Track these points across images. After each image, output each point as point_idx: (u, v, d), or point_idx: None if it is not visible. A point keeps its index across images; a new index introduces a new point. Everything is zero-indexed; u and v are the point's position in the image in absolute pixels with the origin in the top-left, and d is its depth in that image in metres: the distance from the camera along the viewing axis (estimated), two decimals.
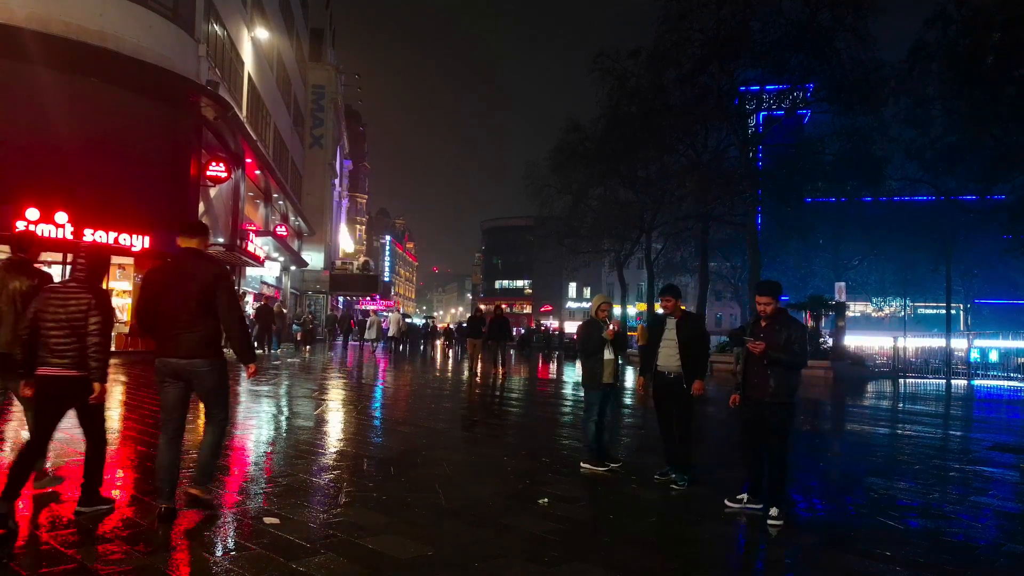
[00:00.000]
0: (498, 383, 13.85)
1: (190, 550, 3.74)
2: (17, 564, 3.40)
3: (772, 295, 4.99)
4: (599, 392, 6.12)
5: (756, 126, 28.58)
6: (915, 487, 6.22)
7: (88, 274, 4.19)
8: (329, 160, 43.28)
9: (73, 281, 4.16)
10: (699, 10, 26.14)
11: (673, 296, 5.89)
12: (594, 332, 6.20)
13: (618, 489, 5.55)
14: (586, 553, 4.01)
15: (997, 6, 22.12)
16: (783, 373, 4.80)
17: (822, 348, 22.20)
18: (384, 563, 3.67)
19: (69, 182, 15.13)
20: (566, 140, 33.36)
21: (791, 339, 4.80)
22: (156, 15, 16.35)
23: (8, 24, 13.84)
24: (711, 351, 8.88)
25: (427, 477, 5.66)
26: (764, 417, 4.83)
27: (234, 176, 20.80)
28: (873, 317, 47.21)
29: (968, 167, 25.67)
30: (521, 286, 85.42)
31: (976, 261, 37.64)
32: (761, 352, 4.78)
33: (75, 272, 4.21)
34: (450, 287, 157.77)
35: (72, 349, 4.02)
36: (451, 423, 9.01)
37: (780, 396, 4.80)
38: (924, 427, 11.10)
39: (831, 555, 4.16)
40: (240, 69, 23.35)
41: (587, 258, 41.13)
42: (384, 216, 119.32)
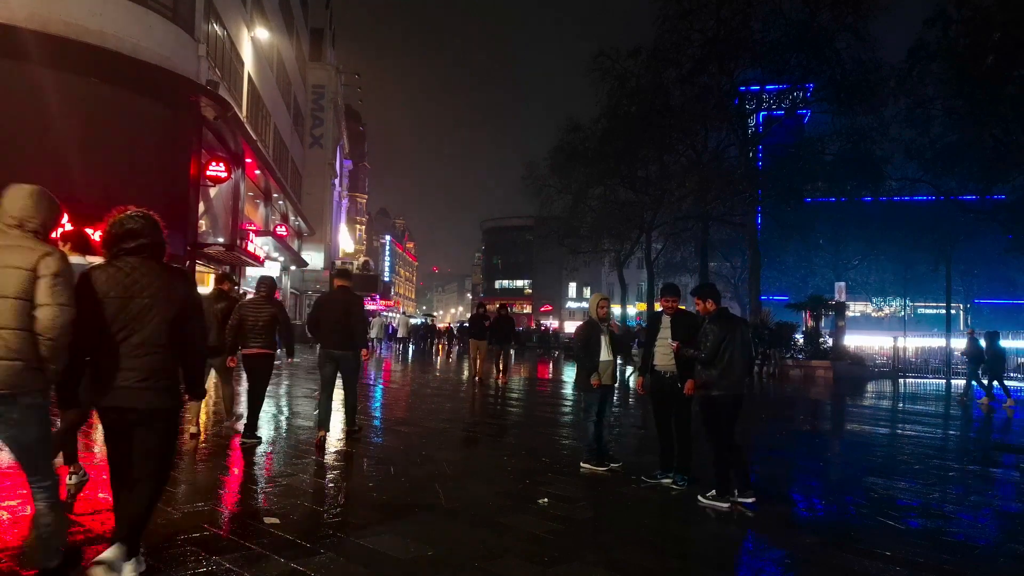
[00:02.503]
0: (499, 385, 13.67)
1: (190, 550, 3.73)
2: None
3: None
4: (597, 393, 6.10)
5: (756, 126, 28.59)
6: (915, 487, 6.22)
7: (268, 293, 7.03)
8: (329, 160, 43.26)
9: (262, 298, 6.98)
10: (699, 10, 26.17)
11: (675, 296, 5.86)
12: (593, 333, 6.16)
13: (618, 489, 5.55)
14: (586, 553, 4.01)
15: (997, 6, 22.12)
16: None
17: (822, 348, 22.21)
18: (384, 563, 3.67)
19: (69, 182, 15.10)
20: (566, 140, 33.35)
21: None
22: (156, 15, 16.34)
23: (8, 24, 13.83)
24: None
25: (427, 477, 5.66)
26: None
27: (234, 176, 20.78)
28: (873, 317, 47.20)
29: (968, 167, 25.64)
30: (521, 286, 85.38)
31: (976, 261, 37.62)
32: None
33: (259, 292, 7.08)
34: (450, 287, 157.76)
35: (264, 337, 6.79)
36: (451, 423, 9.01)
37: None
38: (924, 427, 11.10)
39: (831, 555, 4.16)
40: (240, 69, 23.35)
41: (587, 258, 41.10)
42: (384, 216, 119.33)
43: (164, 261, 3.27)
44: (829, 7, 24.37)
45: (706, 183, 26.35)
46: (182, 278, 3.31)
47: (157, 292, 3.09)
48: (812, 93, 26.76)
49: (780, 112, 28.14)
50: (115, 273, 3.06)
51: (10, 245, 2.86)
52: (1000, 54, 22.14)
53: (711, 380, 5.19)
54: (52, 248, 2.96)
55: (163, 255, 3.28)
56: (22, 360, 2.80)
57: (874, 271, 40.78)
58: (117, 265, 3.08)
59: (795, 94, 26.86)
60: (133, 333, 3.04)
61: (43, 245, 2.94)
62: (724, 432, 5.21)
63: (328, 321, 6.92)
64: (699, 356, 5.20)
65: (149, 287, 3.08)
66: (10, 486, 4.80)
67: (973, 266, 38.90)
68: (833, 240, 36.89)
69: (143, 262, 3.12)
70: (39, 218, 2.98)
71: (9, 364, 2.77)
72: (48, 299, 2.82)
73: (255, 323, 6.79)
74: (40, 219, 2.99)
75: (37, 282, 2.82)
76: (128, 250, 3.11)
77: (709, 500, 5.09)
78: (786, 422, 10.98)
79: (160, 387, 3.08)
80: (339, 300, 7.02)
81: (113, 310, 3.01)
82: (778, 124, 28.49)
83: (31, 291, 2.81)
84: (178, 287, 3.19)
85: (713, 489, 5.14)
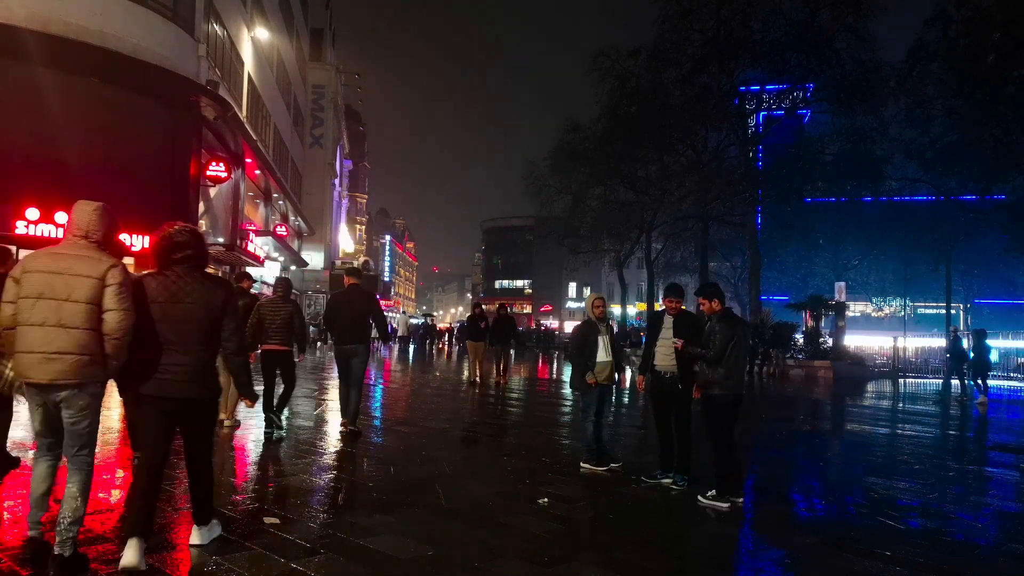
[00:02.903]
0: (500, 387, 13.46)
1: (190, 550, 3.73)
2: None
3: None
4: (595, 393, 6.10)
5: (756, 126, 28.60)
6: (915, 487, 6.22)
7: (285, 293, 7.58)
8: (329, 160, 43.27)
9: (279, 298, 7.52)
10: (699, 10, 26.19)
11: (678, 297, 5.83)
12: (591, 334, 6.13)
13: (618, 489, 5.55)
14: (586, 553, 4.01)
15: (997, 6, 22.12)
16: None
17: (822, 348, 22.21)
18: (384, 563, 3.67)
19: (69, 182, 15.10)
20: (566, 140, 33.37)
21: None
22: (156, 15, 16.33)
23: (8, 24, 13.82)
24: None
25: (427, 477, 5.66)
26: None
27: (234, 176, 20.78)
28: (873, 317, 47.20)
29: (968, 167, 25.66)
30: (521, 286, 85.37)
31: (976, 261, 37.63)
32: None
33: (276, 292, 7.66)
34: (450, 287, 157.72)
35: (282, 334, 7.30)
36: (451, 423, 9.01)
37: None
38: (924, 427, 11.10)
39: (831, 555, 4.16)
40: (240, 69, 23.34)
41: (587, 258, 41.12)
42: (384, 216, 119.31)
43: (206, 270, 3.67)
44: (829, 7, 24.38)
45: (706, 183, 26.36)
46: (222, 285, 3.73)
47: (199, 297, 3.50)
48: (812, 93, 26.77)
49: (780, 112, 28.15)
50: (164, 280, 3.49)
51: (79, 255, 3.30)
52: (1000, 54, 22.15)
53: (715, 379, 5.19)
54: (116, 260, 3.39)
55: (205, 265, 3.68)
56: (89, 355, 3.24)
57: (874, 271, 40.78)
58: (166, 273, 3.51)
59: (795, 94, 26.87)
60: (178, 332, 3.45)
61: (108, 257, 3.41)
62: (725, 432, 5.22)
63: (342, 318, 7.38)
64: (707, 355, 5.19)
65: (193, 293, 3.49)
66: (10, 486, 4.80)
67: (973, 266, 38.91)
68: (833, 240, 36.90)
69: (188, 271, 3.54)
70: (101, 230, 3.45)
71: (80, 359, 3.22)
72: (115, 305, 3.28)
73: (273, 321, 7.27)
74: (102, 231, 3.45)
75: (104, 290, 3.26)
76: (175, 260, 3.52)
77: (709, 500, 5.09)
78: (786, 422, 10.98)
79: (199, 380, 3.50)
80: (352, 298, 7.44)
81: (161, 313, 3.43)
82: (778, 124, 28.50)
83: (99, 297, 3.26)
84: (218, 293, 3.59)
85: (713, 489, 5.14)
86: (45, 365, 3.18)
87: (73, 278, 3.24)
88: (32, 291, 3.22)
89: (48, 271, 3.24)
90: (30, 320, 3.20)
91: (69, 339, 3.20)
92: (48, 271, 3.24)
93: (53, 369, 3.18)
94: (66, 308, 3.21)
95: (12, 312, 3.25)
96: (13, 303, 3.25)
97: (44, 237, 14.50)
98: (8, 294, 3.28)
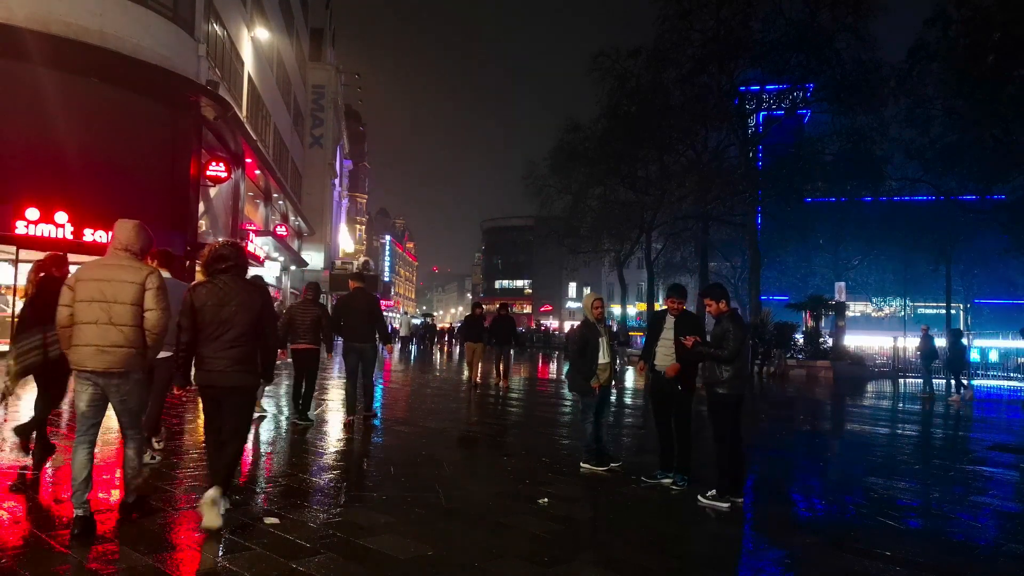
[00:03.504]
0: (500, 389, 13.02)
1: (190, 550, 3.73)
2: None
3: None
4: (595, 395, 6.08)
5: (756, 126, 28.59)
6: (915, 487, 6.22)
7: (315, 296, 8.21)
8: (329, 160, 43.26)
9: (309, 301, 8.16)
10: (699, 10, 26.18)
11: (682, 297, 5.81)
12: (591, 336, 6.07)
13: (618, 489, 5.55)
14: (586, 553, 4.01)
15: (997, 6, 22.11)
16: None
17: (822, 348, 22.21)
18: (384, 563, 3.67)
19: (69, 182, 15.11)
20: (566, 140, 33.36)
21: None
22: (156, 15, 16.33)
23: (8, 24, 13.82)
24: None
25: (427, 477, 5.66)
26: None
27: (234, 176, 20.79)
28: (873, 317, 47.21)
29: (968, 167, 25.64)
30: (521, 286, 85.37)
31: (976, 261, 37.63)
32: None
33: (306, 296, 8.23)
34: (450, 287, 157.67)
35: (311, 334, 7.94)
36: (451, 423, 9.01)
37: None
38: (924, 427, 11.10)
39: (831, 555, 4.16)
40: (240, 69, 23.34)
41: (587, 258, 41.10)
42: (384, 216, 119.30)
43: (246, 277, 4.33)
44: (829, 7, 24.37)
45: (706, 183, 26.35)
46: (259, 291, 4.34)
47: (241, 301, 4.12)
48: (812, 93, 26.76)
49: (780, 112, 28.14)
50: (211, 287, 4.12)
51: (122, 265, 3.97)
52: (1000, 54, 22.13)
53: (722, 379, 5.17)
54: (153, 268, 4.13)
55: (245, 273, 4.34)
56: (134, 348, 3.91)
57: (874, 271, 40.77)
58: (213, 281, 4.15)
59: (795, 94, 26.85)
60: (224, 331, 4.07)
61: (145, 265, 4.09)
62: (730, 431, 5.20)
63: (352, 318, 8.05)
64: (719, 354, 5.16)
65: (235, 297, 4.12)
66: (10, 486, 4.80)
67: (973, 266, 38.91)
68: (833, 240, 36.89)
69: (232, 279, 4.18)
70: (139, 244, 4.10)
71: (128, 351, 3.89)
72: (154, 305, 3.94)
73: (303, 322, 7.93)
74: (139, 245, 4.10)
75: (145, 293, 3.92)
76: (220, 270, 4.17)
77: (709, 500, 5.09)
78: (786, 422, 10.98)
79: (243, 370, 4.13)
80: (360, 300, 8.11)
81: (209, 315, 4.06)
82: (778, 124, 28.49)
83: (140, 299, 3.91)
84: (256, 297, 4.22)
85: (713, 489, 5.13)
86: (99, 356, 3.83)
87: (119, 284, 3.89)
88: (86, 295, 3.85)
89: (98, 279, 3.89)
90: (85, 319, 3.84)
91: (118, 335, 3.86)
92: (98, 279, 3.89)
93: (106, 360, 3.83)
94: (115, 309, 3.86)
95: (69, 314, 3.87)
96: (70, 306, 3.88)
97: (44, 237, 14.50)
98: (64, 299, 3.89)
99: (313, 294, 8.24)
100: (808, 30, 24.68)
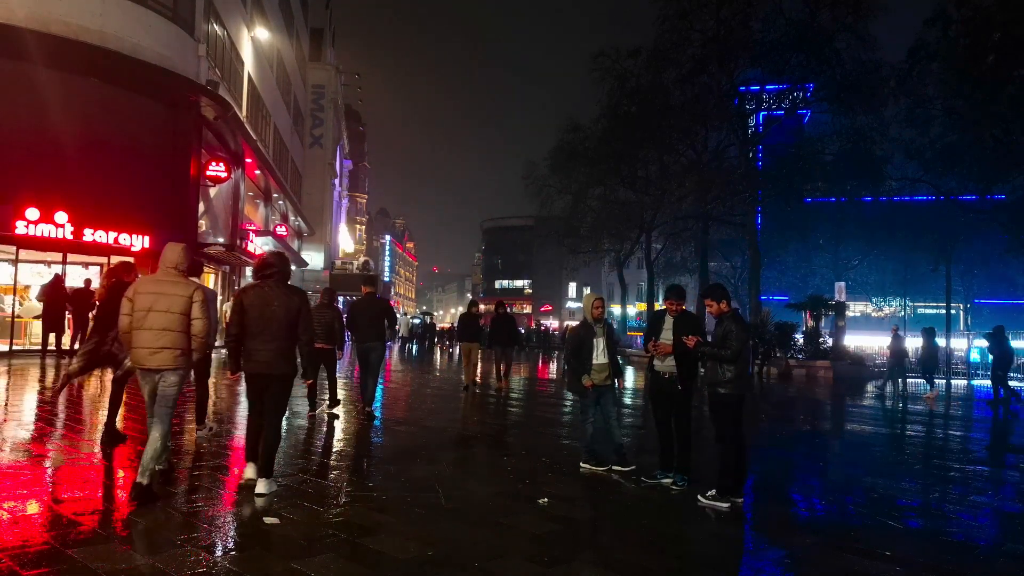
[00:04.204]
0: (500, 392, 12.45)
1: (190, 550, 3.73)
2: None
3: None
4: (592, 396, 6.06)
5: (756, 126, 28.59)
6: (915, 487, 6.23)
7: (330, 300, 8.96)
8: (329, 160, 43.25)
9: (324, 304, 8.79)
10: (699, 10, 26.18)
11: (680, 298, 5.79)
12: (586, 337, 6.06)
13: (618, 489, 5.55)
14: (586, 553, 4.01)
15: (997, 6, 22.10)
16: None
17: (822, 348, 22.20)
18: (384, 563, 3.67)
19: (69, 182, 15.11)
20: (566, 140, 33.38)
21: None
22: (156, 15, 16.33)
23: (8, 24, 13.82)
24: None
25: (427, 477, 5.66)
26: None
27: (234, 176, 20.78)
28: (873, 317, 47.19)
29: (968, 167, 25.63)
30: (521, 286, 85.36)
31: (976, 261, 37.61)
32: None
33: (322, 299, 8.95)
34: (450, 287, 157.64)
35: (326, 335, 8.47)
36: (451, 423, 9.01)
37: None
38: (924, 427, 11.10)
39: (831, 555, 4.16)
40: (240, 69, 23.34)
41: (587, 258, 41.12)
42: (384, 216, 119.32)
43: (287, 283, 5.09)
44: (829, 7, 24.36)
45: (706, 183, 26.36)
46: (298, 294, 5.08)
47: (283, 303, 4.89)
48: (812, 93, 26.76)
49: (780, 112, 28.13)
50: (258, 291, 4.94)
51: (173, 281, 4.78)
52: (1000, 54, 22.12)
53: (725, 379, 5.16)
54: (198, 284, 5.08)
55: (287, 279, 5.12)
56: (180, 350, 4.71)
57: (874, 271, 40.77)
58: (259, 286, 4.97)
59: (795, 94, 26.84)
60: (267, 328, 4.84)
61: (191, 281, 4.95)
62: (733, 430, 5.19)
63: (363, 321, 8.86)
64: (724, 354, 5.15)
65: (277, 299, 4.89)
66: (10, 486, 4.81)
67: (973, 266, 38.88)
68: (833, 240, 36.88)
69: (275, 284, 4.97)
70: (185, 263, 4.89)
71: (177, 352, 4.70)
72: (200, 314, 4.74)
73: (319, 323, 8.18)
74: (185, 264, 4.90)
75: (192, 304, 4.71)
76: (266, 276, 4.97)
77: (709, 500, 5.09)
78: (786, 422, 10.98)
79: (283, 360, 4.90)
80: (370, 304, 8.98)
81: (256, 314, 4.85)
82: (778, 124, 28.48)
83: (188, 310, 4.70)
84: (295, 300, 4.97)
85: (713, 489, 5.13)
86: (153, 356, 4.64)
87: (171, 296, 4.68)
88: (143, 306, 4.64)
89: (153, 292, 4.68)
90: (143, 326, 4.64)
91: (169, 339, 4.65)
92: (153, 292, 4.68)
93: (158, 359, 4.65)
94: (167, 317, 4.65)
95: (129, 321, 4.68)
96: (130, 315, 4.68)
97: (44, 237, 14.50)
98: (125, 308, 4.70)
99: (329, 299, 9.01)
100: (808, 30, 24.67)
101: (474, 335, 12.80)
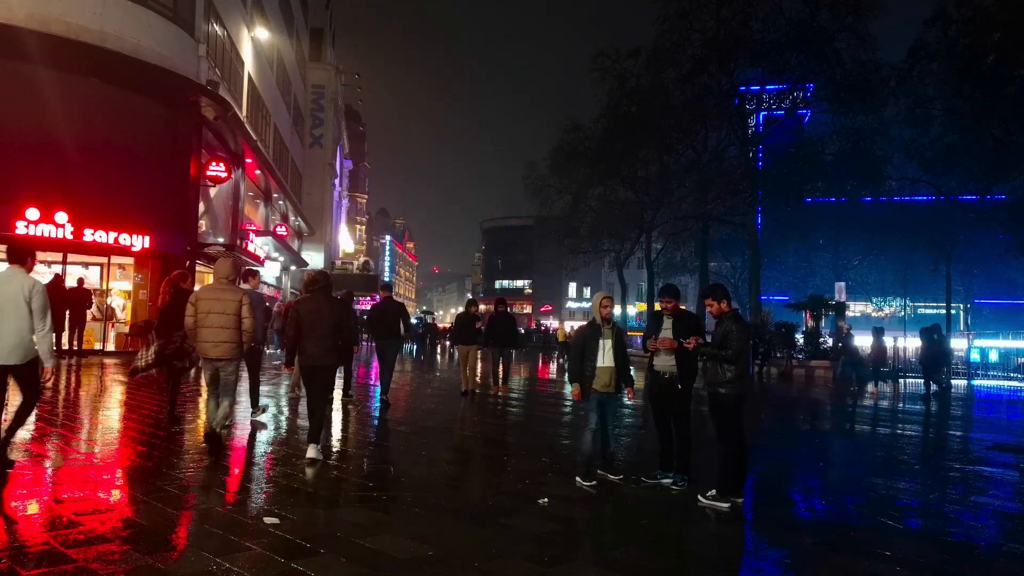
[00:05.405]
0: (499, 395, 12.02)
1: (190, 550, 3.73)
2: None
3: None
4: (593, 401, 5.64)
5: (756, 126, 28.61)
6: (915, 487, 6.22)
7: (349, 299, 10.11)
8: (329, 160, 43.25)
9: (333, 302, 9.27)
10: (699, 10, 26.19)
11: (673, 297, 5.79)
12: (591, 338, 5.64)
13: (618, 489, 5.54)
14: (586, 553, 4.01)
15: (997, 6, 22.09)
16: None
17: (822, 348, 22.20)
18: (384, 563, 3.67)
19: (69, 182, 15.12)
20: (566, 140, 33.36)
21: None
22: (156, 15, 16.32)
23: (8, 24, 13.81)
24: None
25: (427, 477, 5.66)
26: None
27: (234, 176, 20.78)
28: (873, 317, 47.20)
29: (968, 167, 25.61)
30: (521, 286, 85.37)
31: (976, 261, 37.61)
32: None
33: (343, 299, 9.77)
34: (450, 287, 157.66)
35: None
36: (451, 423, 9.01)
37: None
38: (924, 427, 11.10)
39: (831, 555, 4.16)
40: (240, 69, 23.34)
41: (587, 258, 41.11)
42: (384, 216, 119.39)
43: (331, 294, 6.43)
44: (829, 7, 24.39)
45: (706, 183, 26.38)
46: (340, 303, 6.73)
47: (328, 310, 6.13)
48: (812, 93, 26.78)
49: (780, 112, 28.16)
50: (309, 301, 6.19)
51: (226, 288, 6.16)
52: (1000, 54, 22.10)
53: (725, 379, 5.15)
54: (245, 290, 6.61)
55: (331, 290, 6.40)
56: (234, 343, 6.11)
57: (874, 271, 40.79)
58: (308, 297, 6.22)
59: (795, 94, 26.87)
60: (317, 330, 6.02)
61: (240, 289, 6.41)
62: (733, 431, 5.18)
63: (383, 322, 10.17)
64: (725, 355, 5.12)
65: (324, 308, 6.12)
66: (10, 486, 4.81)
67: (973, 266, 38.89)
68: (833, 240, 36.90)
69: (322, 295, 6.23)
70: (234, 275, 6.36)
71: (232, 345, 6.10)
72: (248, 315, 6.15)
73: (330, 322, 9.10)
74: (234, 275, 6.36)
75: (242, 307, 6.10)
76: (314, 289, 6.22)
77: (709, 500, 5.08)
78: (786, 422, 10.97)
79: (330, 354, 6.11)
80: (388, 307, 10.33)
81: (308, 320, 6.04)
82: (778, 124, 28.50)
83: (239, 311, 6.09)
84: (338, 308, 6.30)
85: (713, 489, 5.13)
86: (214, 348, 6.04)
87: (226, 301, 6.07)
88: (204, 309, 6.03)
89: (211, 298, 6.06)
90: (204, 324, 6.02)
91: (225, 335, 6.04)
92: (211, 298, 6.06)
93: (218, 351, 6.05)
94: (224, 318, 6.02)
95: (193, 321, 6.05)
96: (193, 316, 6.05)
97: (44, 237, 14.50)
98: (189, 311, 6.07)
99: (347, 299, 10.19)
100: (808, 30, 24.69)
101: (472, 337, 11.95)
